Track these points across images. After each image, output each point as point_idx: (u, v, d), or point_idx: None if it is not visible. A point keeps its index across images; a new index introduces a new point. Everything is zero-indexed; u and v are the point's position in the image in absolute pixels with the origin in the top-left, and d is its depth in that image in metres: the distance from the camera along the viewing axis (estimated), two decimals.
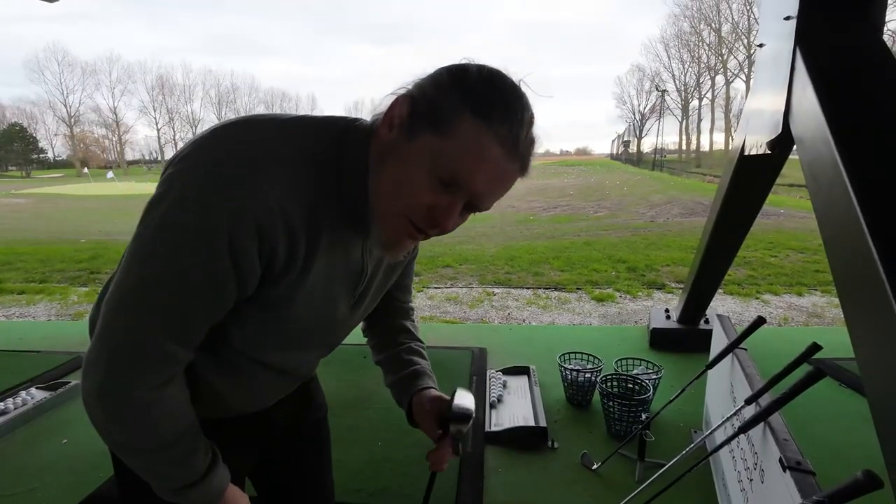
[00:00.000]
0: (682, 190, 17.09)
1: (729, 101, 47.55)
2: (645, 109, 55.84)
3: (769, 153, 1.74)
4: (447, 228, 0.68)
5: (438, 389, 0.96)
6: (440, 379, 1.00)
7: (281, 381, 0.87)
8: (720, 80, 47.86)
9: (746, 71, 41.52)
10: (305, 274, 0.69)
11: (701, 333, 2.83)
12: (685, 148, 54.48)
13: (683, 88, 51.83)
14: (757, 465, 1.18)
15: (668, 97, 49.58)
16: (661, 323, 3.01)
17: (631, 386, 2.09)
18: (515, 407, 2.22)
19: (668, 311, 3.14)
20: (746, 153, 2.00)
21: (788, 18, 1.49)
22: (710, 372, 1.75)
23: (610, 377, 2.14)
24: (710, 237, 2.54)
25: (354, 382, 2.52)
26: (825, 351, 1.16)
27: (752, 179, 2.22)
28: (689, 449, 1.40)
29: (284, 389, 0.91)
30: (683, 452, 1.39)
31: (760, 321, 1.46)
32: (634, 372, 2.30)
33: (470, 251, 7.62)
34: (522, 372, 2.56)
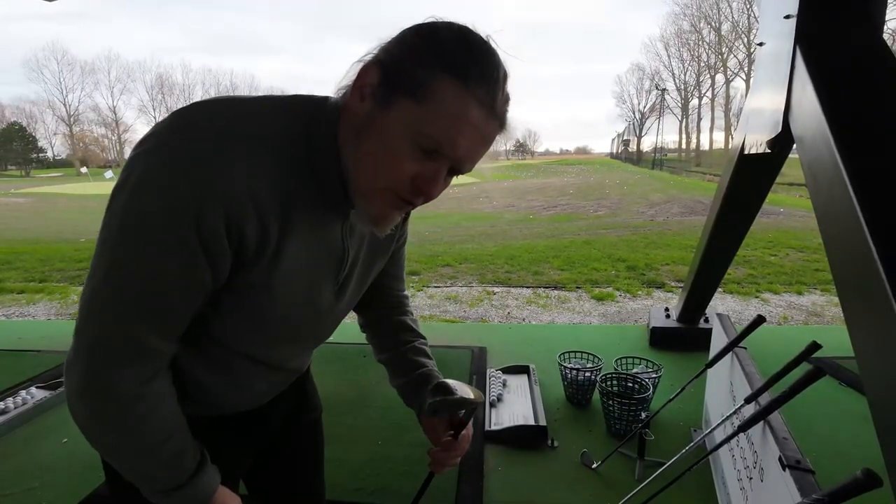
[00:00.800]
0: (681, 189, 17.09)
1: (729, 99, 47.58)
2: (645, 108, 55.91)
3: (769, 152, 1.74)
4: (433, 196, 0.66)
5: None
6: None
7: (271, 376, 0.85)
8: (720, 78, 47.96)
9: (746, 70, 41.54)
10: (279, 257, 0.66)
11: (701, 332, 2.83)
12: (685, 147, 54.51)
13: (683, 87, 51.87)
14: (756, 463, 1.18)
15: (667, 96, 49.68)
16: (660, 322, 3.01)
17: (631, 385, 2.09)
18: (515, 406, 2.22)
19: (667, 309, 3.14)
20: (746, 152, 2.00)
21: (788, 17, 1.49)
22: (709, 371, 1.75)
23: (610, 376, 2.14)
24: (709, 236, 2.54)
25: (354, 382, 2.51)
26: (825, 350, 1.16)
27: (751, 178, 2.22)
28: (688, 448, 1.40)
29: (277, 386, 0.89)
30: (683, 451, 1.39)
31: (760, 320, 1.46)
32: (634, 371, 2.30)
33: (470, 250, 7.62)
34: (522, 371, 2.56)
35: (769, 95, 1.68)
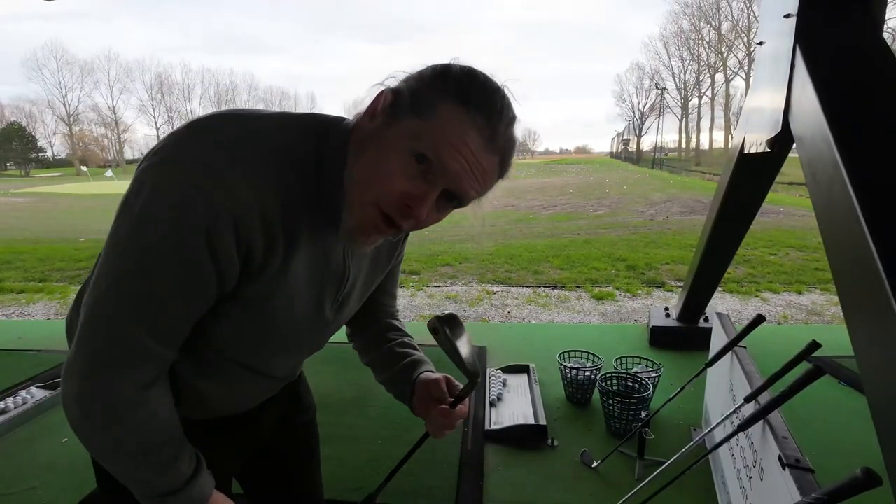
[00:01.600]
0: (681, 188, 17.07)
1: (729, 99, 47.55)
2: (644, 107, 55.76)
3: (769, 151, 1.74)
4: (420, 218, 0.65)
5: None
6: None
7: (263, 383, 0.85)
8: (720, 78, 47.88)
9: (746, 69, 41.51)
10: (284, 272, 0.67)
11: (700, 331, 2.83)
12: (685, 146, 54.47)
13: (683, 86, 51.82)
14: (756, 462, 1.18)
15: (667, 95, 49.56)
16: (660, 321, 3.01)
17: (630, 384, 2.10)
18: (515, 405, 2.22)
19: (667, 309, 3.14)
20: (746, 151, 2.00)
21: (788, 16, 1.49)
22: (709, 370, 1.75)
23: (609, 375, 2.14)
24: (709, 235, 2.54)
25: (354, 382, 2.51)
26: (824, 349, 1.16)
27: (751, 177, 2.22)
28: (688, 447, 1.40)
29: (267, 392, 0.90)
30: (683, 450, 1.39)
31: (760, 319, 1.46)
32: (634, 370, 2.30)
33: (470, 250, 7.62)
34: (522, 370, 2.56)
35: (769, 95, 1.68)
